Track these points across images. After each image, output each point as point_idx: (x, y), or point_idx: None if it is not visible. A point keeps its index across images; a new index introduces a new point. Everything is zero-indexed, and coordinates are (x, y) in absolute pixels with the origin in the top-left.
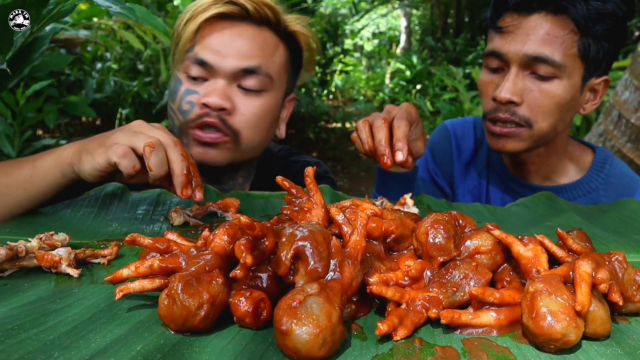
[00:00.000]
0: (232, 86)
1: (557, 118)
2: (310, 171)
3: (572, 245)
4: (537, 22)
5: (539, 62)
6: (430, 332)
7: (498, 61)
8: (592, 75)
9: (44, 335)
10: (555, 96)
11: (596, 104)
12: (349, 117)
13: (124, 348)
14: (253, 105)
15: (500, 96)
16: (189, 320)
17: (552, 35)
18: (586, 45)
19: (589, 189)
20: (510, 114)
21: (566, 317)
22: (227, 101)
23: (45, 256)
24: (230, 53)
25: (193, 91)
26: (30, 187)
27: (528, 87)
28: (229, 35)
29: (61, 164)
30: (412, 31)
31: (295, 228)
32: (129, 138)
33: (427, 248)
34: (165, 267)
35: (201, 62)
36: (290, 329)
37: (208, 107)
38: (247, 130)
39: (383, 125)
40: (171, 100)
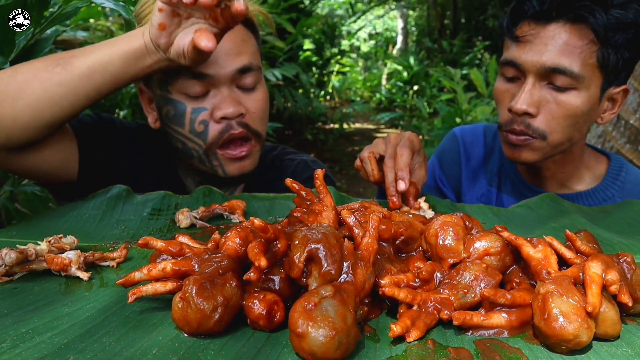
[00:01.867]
0: (233, 89)
1: (572, 129)
2: (320, 173)
3: (580, 246)
4: (556, 32)
5: (557, 73)
6: (442, 333)
7: (514, 70)
8: (611, 84)
9: (58, 339)
10: (571, 108)
11: (614, 113)
12: (346, 118)
13: (140, 351)
14: (256, 100)
15: (516, 107)
16: (204, 323)
17: (570, 46)
18: (605, 55)
19: (605, 197)
20: (525, 126)
21: (578, 318)
22: (240, 106)
23: (55, 259)
24: (221, 57)
25: (201, 108)
26: (111, 49)
27: (545, 98)
28: None
29: (132, 53)
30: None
31: (307, 231)
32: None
33: (437, 250)
34: (178, 270)
35: (200, 75)
36: (307, 332)
37: (226, 119)
38: (261, 126)
39: (391, 167)
40: (177, 125)
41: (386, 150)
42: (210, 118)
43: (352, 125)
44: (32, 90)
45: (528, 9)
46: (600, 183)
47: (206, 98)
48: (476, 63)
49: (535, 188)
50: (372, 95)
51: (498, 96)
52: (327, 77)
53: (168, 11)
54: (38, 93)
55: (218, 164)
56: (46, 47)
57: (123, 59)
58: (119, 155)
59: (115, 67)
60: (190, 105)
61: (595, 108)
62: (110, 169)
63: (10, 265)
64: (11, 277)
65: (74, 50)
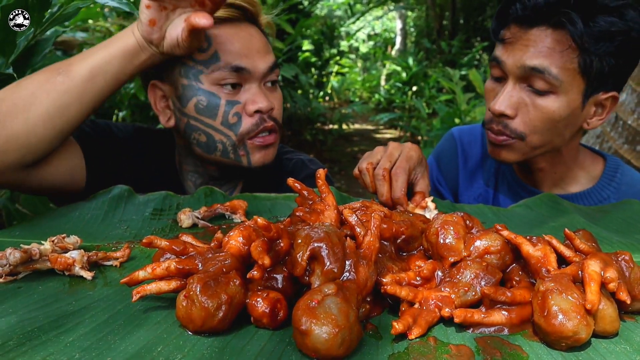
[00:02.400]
0: (261, 86)
1: (551, 133)
2: (322, 173)
3: (579, 245)
4: (538, 36)
5: (536, 73)
6: (444, 330)
7: (499, 70)
8: (597, 90)
9: (63, 337)
10: (549, 112)
11: (603, 119)
12: (345, 118)
13: (145, 349)
14: (276, 97)
15: (494, 108)
16: (208, 321)
17: (551, 49)
18: (587, 61)
19: (601, 198)
20: (503, 126)
21: (577, 315)
22: (268, 101)
23: (58, 259)
24: (255, 55)
25: (235, 102)
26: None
27: (523, 100)
28: (244, 38)
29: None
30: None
31: (310, 229)
32: None
33: (438, 248)
34: (182, 268)
35: (238, 68)
36: (310, 329)
37: (260, 112)
38: (281, 118)
39: (383, 181)
40: (207, 116)
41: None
42: (243, 111)
43: (351, 126)
44: (40, 102)
45: (512, 13)
46: (596, 184)
47: (239, 92)
48: (475, 64)
49: (530, 188)
50: (371, 95)
51: (486, 94)
52: (326, 77)
53: (155, 7)
54: (47, 104)
55: (245, 153)
56: (46, 48)
57: (120, 58)
58: (118, 159)
59: (114, 67)
60: (225, 98)
61: (577, 114)
62: (112, 173)
63: (15, 264)
64: (15, 276)
65: (71, 58)
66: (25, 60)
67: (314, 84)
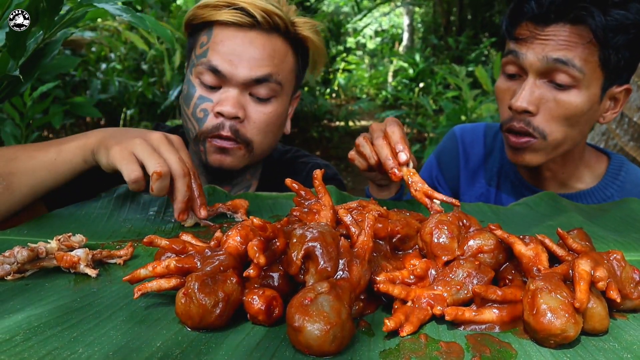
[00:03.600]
0: (244, 94)
1: (572, 129)
2: (319, 173)
3: (571, 244)
4: (557, 31)
5: (559, 66)
6: (435, 328)
7: (515, 67)
8: (613, 84)
9: (67, 333)
10: (571, 107)
11: (616, 112)
12: (352, 115)
13: (145, 344)
14: (263, 112)
15: (516, 105)
16: (205, 318)
17: (572, 42)
18: (606, 55)
19: (604, 196)
20: (525, 124)
21: (565, 313)
22: (240, 110)
23: (64, 257)
24: (242, 62)
25: (207, 99)
26: (54, 169)
27: (545, 96)
28: (240, 43)
29: (84, 151)
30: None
31: (305, 229)
32: (144, 154)
33: (432, 248)
34: (182, 267)
35: (214, 70)
36: (303, 326)
37: (222, 116)
38: (258, 137)
39: (384, 143)
40: (185, 104)
41: (372, 134)
42: (212, 111)
43: (358, 123)
44: None
45: (527, 11)
46: (600, 182)
47: (216, 92)
48: (482, 60)
49: (534, 189)
50: (378, 92)
51: (499, 94)
52: (333, 74)
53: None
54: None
55: (203, 149)
56: (55, 49)
57: (64, 177)
58: None
59: (56, 182)
60: (200, 92)
61: (596, 108)
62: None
63: (22, 262)
64: (23, 274)
65: (16, 160)
66: (34, 62)
67: (321, 81)
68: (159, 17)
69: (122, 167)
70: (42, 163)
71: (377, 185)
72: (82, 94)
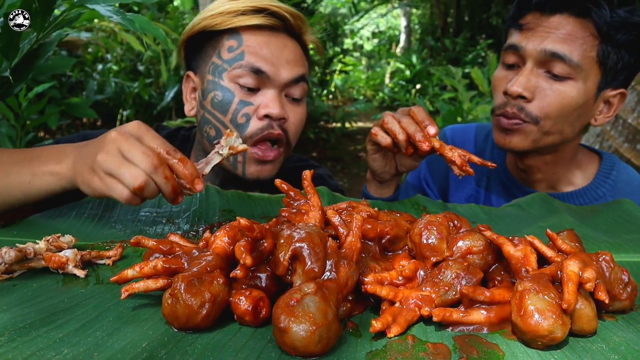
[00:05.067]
0: (281, 95)
1: (565, 121)
2: (308, 174)
3: (561, 245)
4: (559, 22)
5: (556, 59)
6: (423, 329)
7: (515, 57)
8: (609, 85)
9: (53, 333)
10: (566, 97)
11: (609, 116)
12: (348, 117)
13: (131, 345)
14: (298, 112)
15: (511, 89)
16: (192, 319)
17: (572, 35)
18: (605, 52)
19: (596, 196)
20: (518, 109)
21: (553, 315)
22: (284, 111)
23: (52, 257)
24: (281, 63)
25: (247, 102)
26: (29, 191)
27: (541, 85)
28: (276, 45)
29: (60, 180)
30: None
31: (293, 230)
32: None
33: (421, 249)
34: (169, 267)
35: (258, 71)
36: (288, 327)
37: (269, 118)
38: (294, 138)
39: (411, 120)
40: (220, 112)
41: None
42: (254, 113)
43: (355, 124)
44: None
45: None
46: (592, 182)
47: (255, 95)
48: (479, 61)
49: (526, 189)
50: (375, 93)
51: (495, 82)
52: (330, 76)
53: None
54: None
55: (242, 160)
56: (49, 51)
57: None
58: None
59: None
60: (239, 97)
61: (590, 105)
62: None
63: (10, 263)
64: (11, 274)
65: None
66: (28, 63)
67: (318, 83)
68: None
69: (112, 194)
70: (16, 183)
71: (377, 182)
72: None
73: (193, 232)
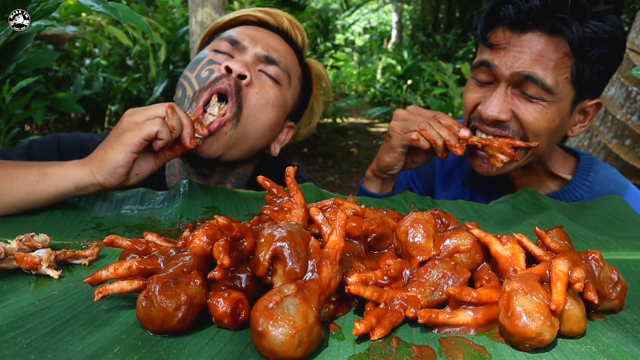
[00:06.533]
0: (254, 65)
1: (540, 138)
2: (291, 171)
3: (550, 243)
4: (531, 41)
5: (530, 81)
6: (408, 331)
7: (487, 74)
8: (584, 98)
9: (20, 339)
10: (541, 119)
11: (585, 126)
12: (340, 112)
13: (101, 351)
14: (270, 87)
15: (487, 113)
16: (167, 322)
17: (545, 57)
18: (580, 69)
19: (574, 198)
20: (502, 129)
21: (541, 316)
22: (248, 71)
23: (25, 258)
24: (261, 43)
25: (215, 62)
26: (35, 191)
27: (516, 104)
28: (264, 35)
29: (76, 178)
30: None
31: (273, 229)
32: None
33: (407, 247)
34: (144, 268)
35: (234, 41)
36: (267, 330)
37: (229, 72)
38: (254, 110)
39: (440, 124)
40: (190, 69)
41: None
42: (218, 71)
43: (346, 120)
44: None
45: (504, 16)
46: (569, 184)
47: (226, 59)
48: (470, 57)
49: (506, 192)
50: (367, 89)
51: (468, 101)
52: None
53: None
54: None
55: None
56: (28, 43)
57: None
58: None
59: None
60: (210, 57)
61: (566, 121)
62: None
63: None
64: None
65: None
66: (6, 55)
67: None
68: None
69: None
70: (22, 183)
71: (381, 180)
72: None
73: (175, 230)
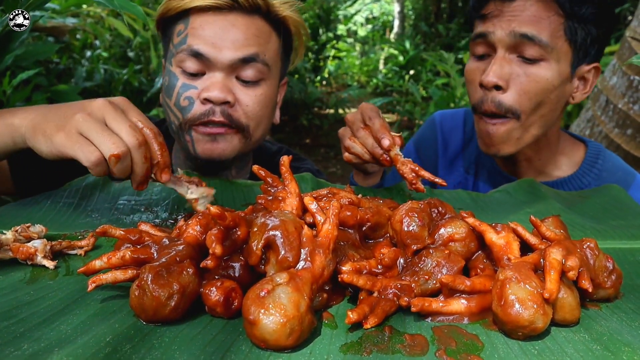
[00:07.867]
0: (230, 78)
1: (544, 106)
2: (286, 160)
3: (545, 232)
4: (522, 5)
5: (526, 40)
6: (402, 320)
7: (484, 46)
8: (582, 62)
9: (14, 328)
10: (542, 80)
11: (587, 92)
12: (342, 103)
13: (94, 339)
14: (254, 95)
15: (486, 80)
16: (159, 311)
17: (537, 17)
18: (572, 28)
19: (582, 184)
20: (496, 105)
21: (534, 304)
22: (228, 94)
23: (20, 248)
24: (225, 44)
25: (191, 86)
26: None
27: (515, 71)
28: (221, 26)
29: (12, 133)
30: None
31: (266, 217)
32: (93, 133)
33: (401, 236)
34: (137, 257)
35: (196, 53)
36: (258, 319)
37: (210, 102)
38: (253, 122)
39: (367, 134)
40: (167, 96)
41: (352, 128)
42: (197, 98)
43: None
44: None
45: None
46: (577, 171)
47: (200, 79)
48: None
49: (511, 177)
50: (369, 79)
51: (469, 76)
52: (323, 62)
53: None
54: None
55: (190, 140)
56: (24, 34)
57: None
58: None
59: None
60: (182, 80)
61: (567, 85)
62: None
63: None
64: None
65: None
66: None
67: (311, 69)
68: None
69: (76, 153)
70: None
71: (363, 174)
72: (68, 82)
73: (172, 220)
